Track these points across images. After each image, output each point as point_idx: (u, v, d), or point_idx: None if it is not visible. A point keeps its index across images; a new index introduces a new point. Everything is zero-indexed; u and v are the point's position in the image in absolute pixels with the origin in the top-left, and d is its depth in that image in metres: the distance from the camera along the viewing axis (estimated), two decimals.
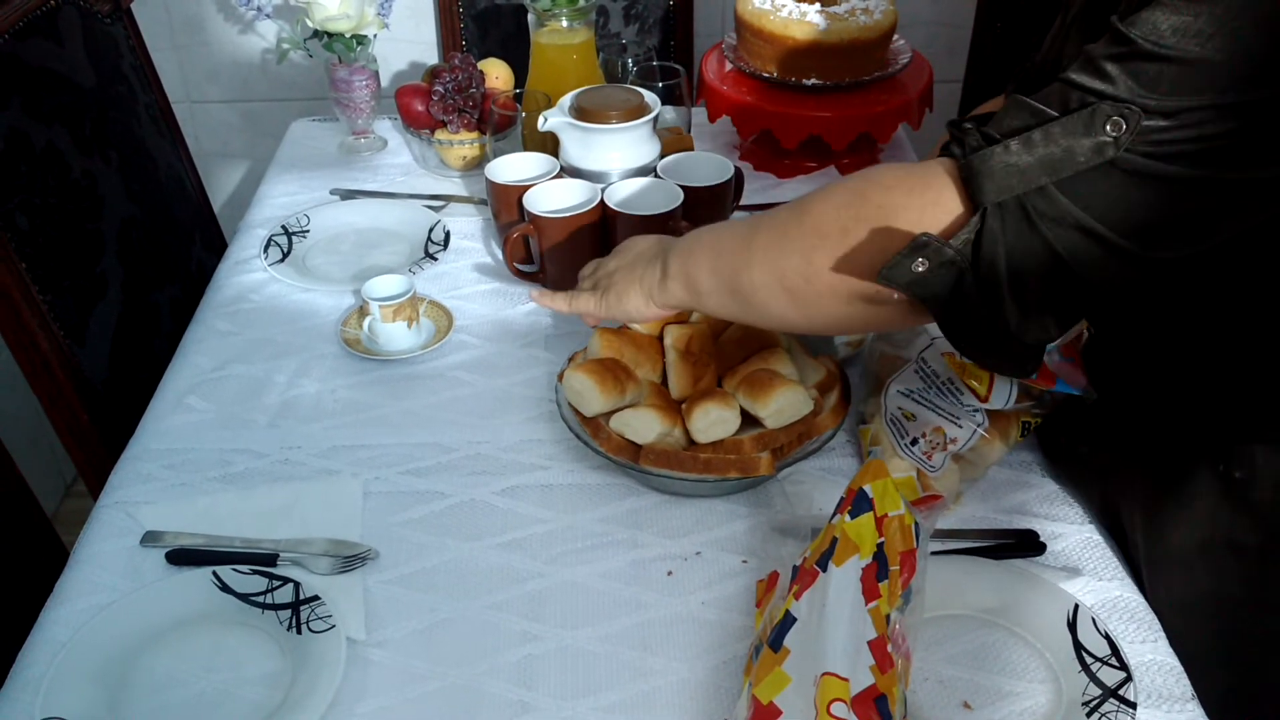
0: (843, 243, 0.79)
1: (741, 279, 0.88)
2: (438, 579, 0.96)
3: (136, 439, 1.14)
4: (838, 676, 0.72)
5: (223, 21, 2.25)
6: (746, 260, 0.87)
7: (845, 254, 0.79)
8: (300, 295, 1.35)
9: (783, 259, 0.84)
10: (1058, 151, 0.68)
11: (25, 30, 1.36)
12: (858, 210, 0.78)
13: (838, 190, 0.82)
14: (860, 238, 0.78)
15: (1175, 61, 0.64)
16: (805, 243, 0.82)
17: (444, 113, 1.55)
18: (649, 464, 1.00)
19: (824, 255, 0.80)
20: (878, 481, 0.81)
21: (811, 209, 0.83)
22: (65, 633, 0.91)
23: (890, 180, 0.79)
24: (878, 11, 1.51)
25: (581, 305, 1.05)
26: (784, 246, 0.84)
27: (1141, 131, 0.65)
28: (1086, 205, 0.68)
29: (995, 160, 0.71)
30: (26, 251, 1.27)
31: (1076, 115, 0.67)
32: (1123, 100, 0.66)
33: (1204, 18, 0.63)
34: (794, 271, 0.83)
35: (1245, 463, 0.86)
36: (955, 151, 0.75)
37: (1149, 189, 0.67)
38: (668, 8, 2.11)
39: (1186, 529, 0.91)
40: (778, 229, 0.85)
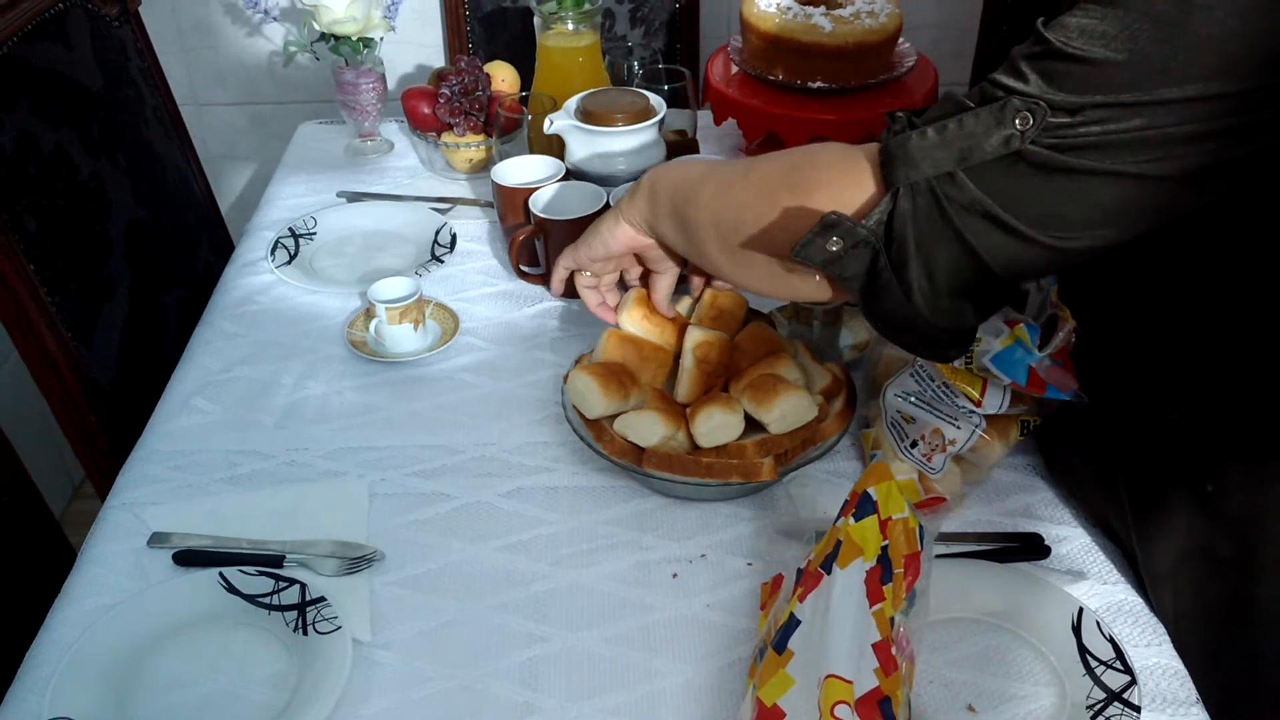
0: (771, 208, 0.83)
1: (688, 211, 0.92)
2: (443, 580, 0.97)
3: (144, 440, 1.14)
4: (842, 679, 0.72)
5: (230, 24, 2.26)
6: (696, 195, 0.91)
7: (770, 217, 0.83)
8: (307, 297, 1.36)
9: (722, 208, 0.88)
10: (969, 141, 0.71)
11: (33, 33, 1.37)
12: (790, 179, 0.82)
13: (783, 157, 0.86)
14: (785, 206, 0.81)
15: (1081, 61, 0.66)
16: (743, 196, 0.86)
17: (450, 115, 1.56)
18: (651, 467, 1.00)
19: (753, 213, 0.85)
20: (882, 485, 0.81)
21: (757, 168, 0.86)
22: (72, 633, 0.91)
23: (825, 157, 0.82)
24: (883, 14, 1.51)
25: (560, 259, 1.08)
26: (726, 197, 0.88)
27: (1047, 127, 0.68)
28: (993, 193, 0.71)
29: (911, 144, 0.73)
30: (34, 253, 1.28)
31: (989, 108, 0.70)
32: (1031, 96, 0.68)
33: (1107, 20, 0.65)
34: (727, 224, 0.87)
35: (1218, 476, 0.86)
36: (883, 138, 0.77)
37: (1053, 180, 0.69)
38: (674, 11, 2.12)
39: (1169, 541, 0.91)
40: (727, 178, 0.89)
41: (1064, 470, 1.05)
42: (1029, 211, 0.71)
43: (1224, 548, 0.87)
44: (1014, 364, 0.93)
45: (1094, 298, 0.95)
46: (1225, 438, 0.86)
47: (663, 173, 0.97)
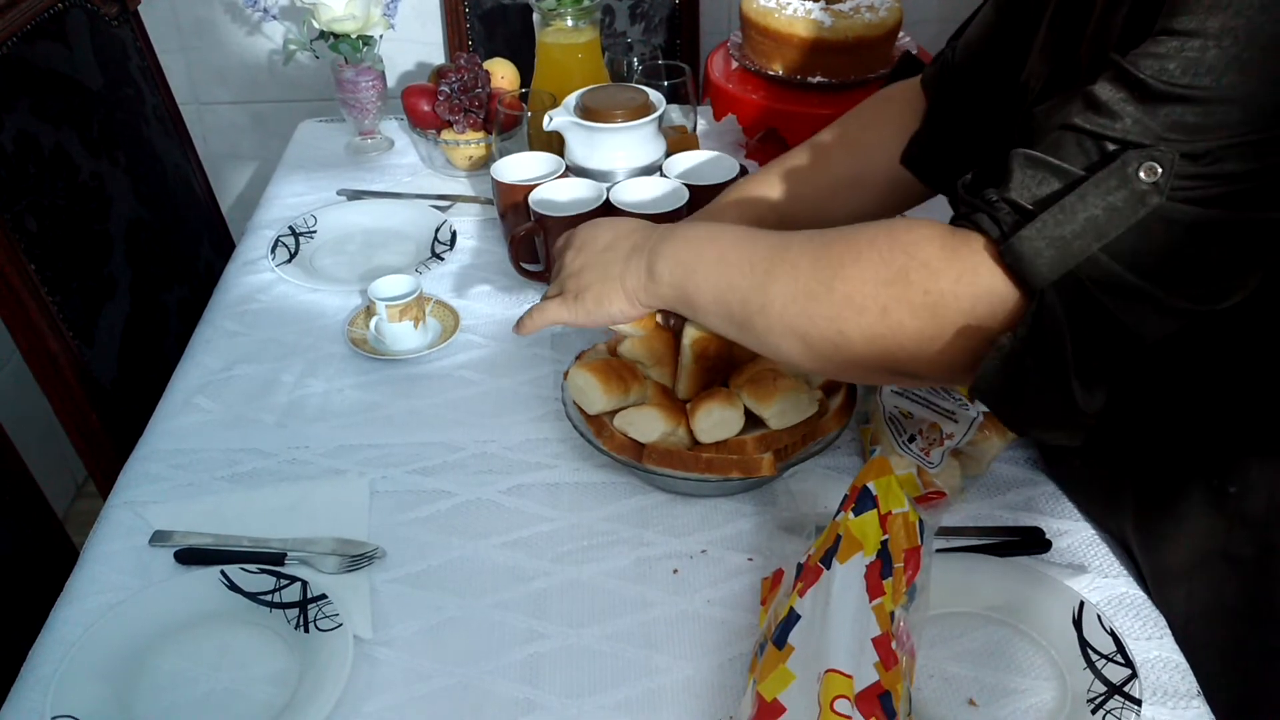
0: (883, 323, 0.75)
1: (755, 320, 0.83)
2: (444, 578, 0.97)
3: (145, 439, 1.14)
4: (842, 673, 0.72)
5: (230, 23, 2.26)
6: (762, 304, 0.82)
7: (884, 334, 0.76)
8: (307, 295, 1.36)
9: (808, 320, 0.79)
10: (1098, 213, 0.65)
11: (33, 33, 1.37)
12: (901, 292, 0.74)
13: (869, 253, 0.77)
14: (904, 323, 0.75)
15: (1191, 101, 0.62)
16: (835, 311, 0.77)
17: (450, 113, 1.56)
18: (652, 463, 1.00)
19: (858, 331, 0.77)
20: (882, 479, 0.81)
21: (843, 275, 0.77)
22: (75, 631, 0.91)
23: (933, 259, 0.74)
24: (883, 9, 1.51)
25: (553, 316, 0.96)
26: (810, 308, 0.79)
27: (1177, 174, 0.63)
28: (1134, 264, 0.66)
29: (1038, 239, 0.68)
30: (35, 253, 1.28)
31: (1107, 169, 0.65)
32: (1147, 145, 0.63)
33: (1211, 53, 0.61)
34: (820, 336, 0.79)
35: (1239, 476, 0.85)
36: (988, 229, 0.72)
37: (1195, 236, 0.64)
38: (673, 6, 2.11)
39: (1182, 543, 0.90)
40: (801, 283, 0.79)
41: (1062, 471, 1.05)
42: (1175, 277, 0.66)
43: (1244, 548, 0.87)
44: None
45: None
46: (1245, 438, 0.84)
47: (689, 267, 0.87)
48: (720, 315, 0.87)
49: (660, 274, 0.89)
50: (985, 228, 0.72)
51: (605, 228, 0.96)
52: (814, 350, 0.80)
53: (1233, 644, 0.89)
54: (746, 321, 0.84)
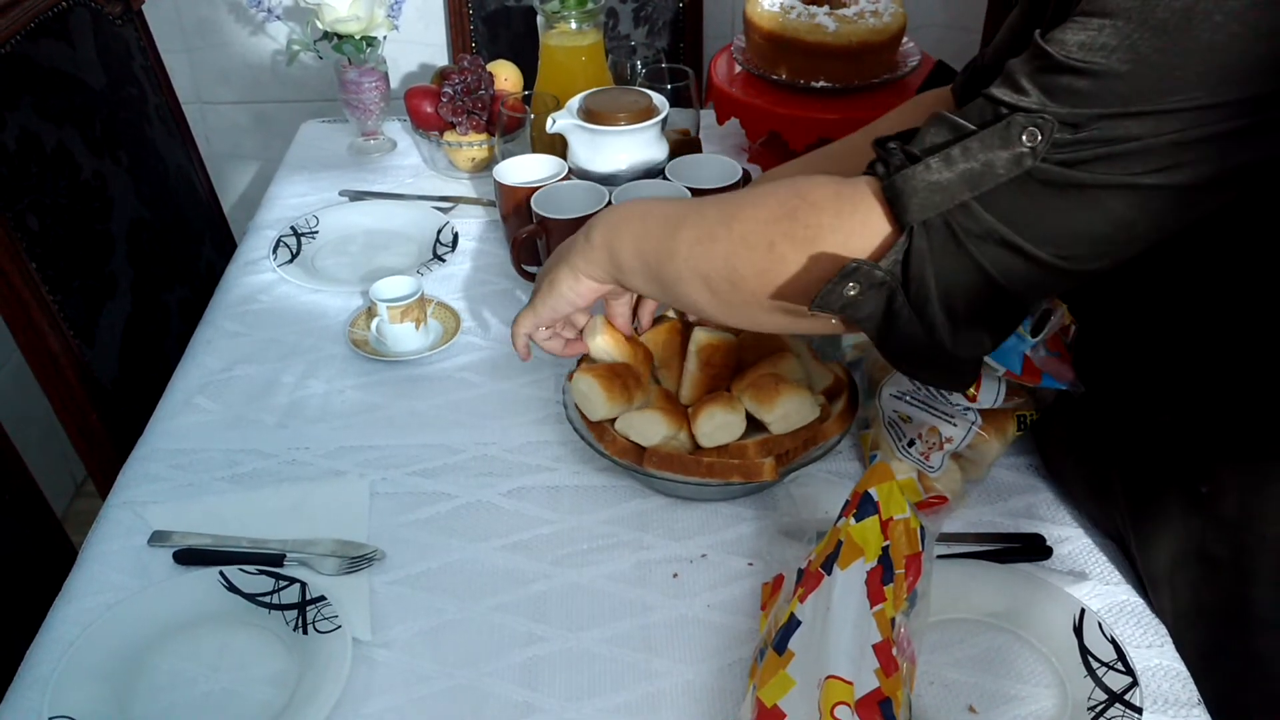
0: (769, 257, 0.79)
1: (666, 269, 0.87)
2: (444, 580, 0.97)
3: (145, 439, 1.14)
4: (842, 680, 0.72)
5: (233, 23, 2.26)
6: (671, 251, 0.86)
7: (771, 268, 0.79)
8: (309, 296, 1.36)
9: (707, 260, 0.83)
10: (977, 166, 0.69)
11: (36, 31, 1.37)
12: (787, 228, 0.78)
13: (768, 199, 0.81)
14: (787, 256, 0.78)
15: (1084, 74, 0.65)
16: (731, 248, 0.81)
17: (453, 114, 1.56)
18: (653, 467, 1.00)
19: (749, 266, 0.80)
20: (883, 485, 0.81)
21: (741, 215, 0.82)
22: (73, 631, 0.91)
23: (821, 199, 0.78)
24: (887, 14, 1.51)
25: (523, 323, 1.00)
26: (710, 248, 0.83)
27: (1055, 142, 0.66)
28: (1008, 219, 0.69)
29: (917, 179, 0.71)
30: (37, 252, 1.28)
31: (993, 128, 0.68)
32: (1034, 111, 0.67)
33: (1107, 31, 0.64)
34: (718, 274, 0.83)
35: (1211, 477, 0.86)
36: (879, 170, 0.75)
37: (1066, 198, 0.68)
38: (677, 10, 2.12)
39: (1165, 545, 0.91)
40: (705, 227, 0.84)
41: (1061, 474, 1.05)
42: (1046, 233, 0.69)
43: (1218, 549, 0.87)
44: (1007, 352, 0.93)
45: (1090, 298, 0.95)
46: (1219, 440, 0.86)
47: (615, 227, 0.91)
48: (639, 270, 0.90)
49: (593, 239, 0.92)
50: (876, 171, 0.75)
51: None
52: (714, 292, 0.84)
53: (1213, 645, 0.90)
54: (659, 271, 0.88)
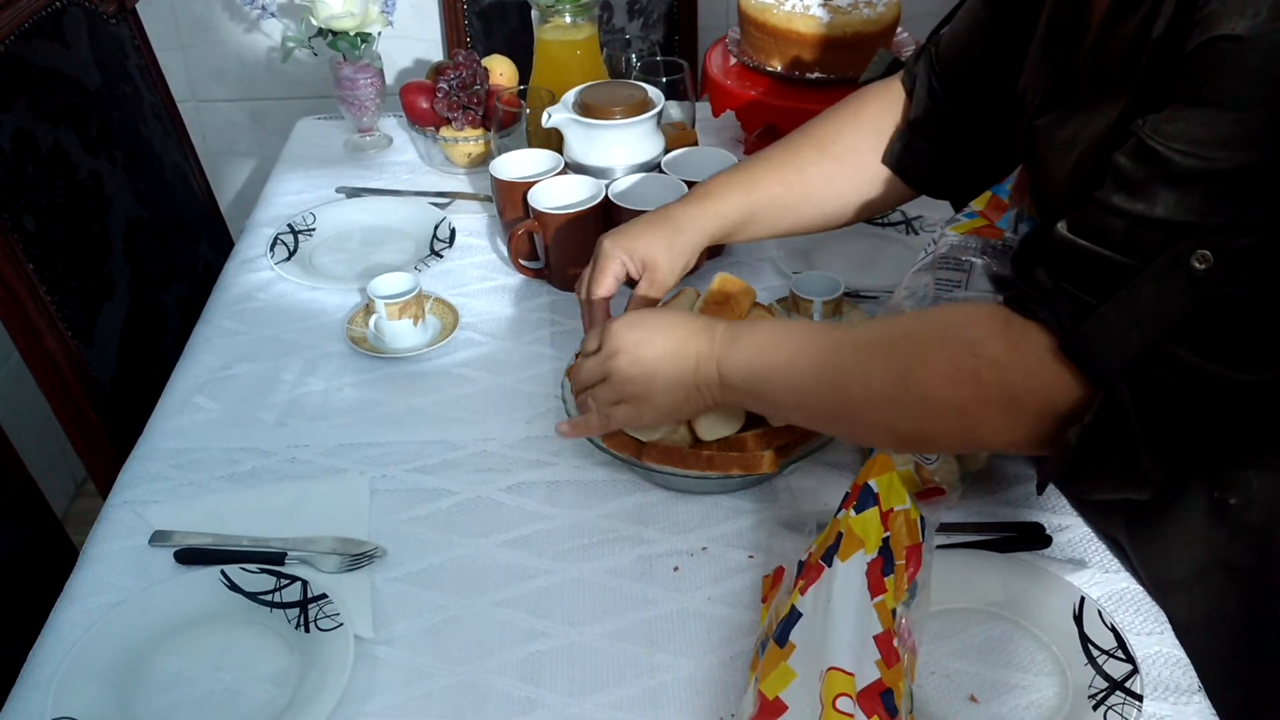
0: (964, 420, 0.80)
1: (839, 425, 0.89)
2: (445, 576, 0.97)
3: (145, 438, 1.14)
4: (843, 671, 0.72)
5: (228, 20, 2.26)
6: (845, 413, 0.87)
7: (968, 428, 0.81)
8: (306, 293, 1.36)
9: (892, 423, 0.84)
10: (1155, 303, 0.68)
11: (30, 31, 1.36)
12: (975, 392, 0.78)
13: (939, 360, 0.80)
14: (984, 418, 0.79)
15: (1213, 177, 0.63)
16: (915, 414, 0.82)
17: (448, 110, 1.55)
18: (652, 461, 1.00)
19: (942, 426, 0.82)
20: (883, 476, 0.81)
21: (915, 379, 0.81)
22: (75, 632, 0.91)
23: (999, 355, 0.77)
24: (881, 4, 1.51)
25: (621, 424, 0.98)
26: (891, 413, 0.83)
27: (1226, 253, 0.65)
28: (1196, 347, 0.69)
29: (1098, 332, 0.70)
30: (34, 252, 1.28)
31: (1160, 259, 0.67)
32: (1189, 224, 0.65)
33: (1225, 125, 0.62)
34: (907, 434, 0.84)
35: (1240, 488, 0.86)
36: (1048, 321, 0.74)
37: (1246, 315, 0.67)
38: (671, 2, 2.11)
39: (1183, 554, 0.90)
40: (876, 389, 0.83)
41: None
42: (1234, 355, 0.69)
43: (1244, 559, 0.87)
44: None
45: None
46: (1249, 450, 0.85)
47: (752, 386, 0.90)
48: (802, 419, 0.94)
49: (734, 384, 0.91)
50: (1044, 320, 0.74)
51: (655, 330, 0.94)
52: (906, 444, 0.87)
53: (1235, 653, 0.89)
54: (832, 424, 0.92)
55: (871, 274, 1.34)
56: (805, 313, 1.17)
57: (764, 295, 1.19)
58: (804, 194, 1.10)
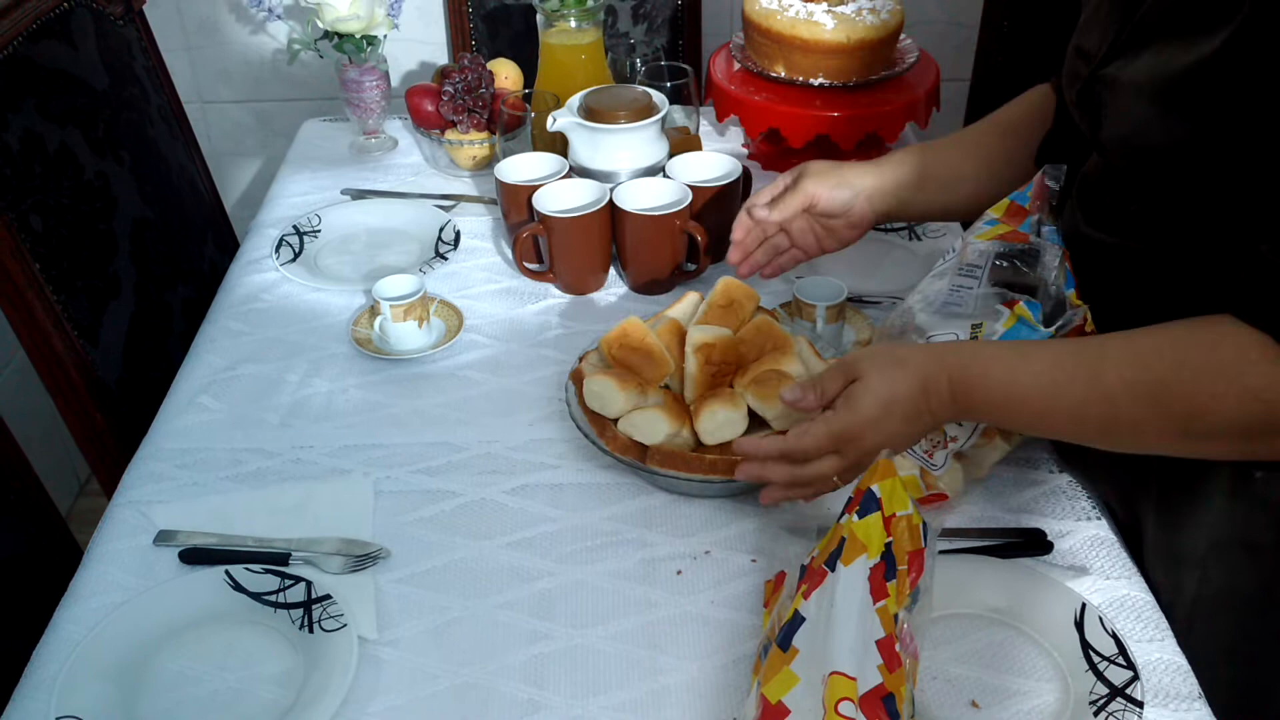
0: (1244, 447, 0.80)
1: (1096, 445, 0.89)
2: (448, 578, 0.97)
3: (149, 438, 1.15)
4: (845, 675, 0.72)
5: (235, 22, 2.27)
6: (1107, 441, 0.87)
7: (1248, 452, 0.81)
8: (312, 295, 1.36)
9: (1169, 450, 0.84)
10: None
11: (38, 33, 1.37)
12: (1265, 426, 0.78)
13: (1221, 411, 0.79)
14: (1268, 446, 0.79)
15: None
16: (1197, 444, 0.82)
17: (454, 113, 1.56)
18: (655, 464, 1.00)
19: (1222, 453, 0.83)
20: (886, 481, 0.81)
21: (1198, 429, 0.81)
22: (79, 632, 0.92)
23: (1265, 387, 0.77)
24: (885, 11, 1.51)
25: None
26: (1170, 443, 0.83)
27: None
28: None
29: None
30: (40, 252, 1.28)
31: None
32: None
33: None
34: (1181, 454, 0.84)
35: (1265, 462, 0.86)
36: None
37: None
38: (676, 7, 2.12)
39: (1201, 528, 0.91)
40: (1151, 435, 0.83)
41: (1080, 457, 1.04)
42: None
43: (1264, 534, 0.87)
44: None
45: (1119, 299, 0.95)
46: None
47: (1016, 425, 0.92)
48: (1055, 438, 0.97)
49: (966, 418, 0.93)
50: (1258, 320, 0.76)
51: (898, 384, 0.88)
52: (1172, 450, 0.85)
53: (1239, 630, 0.90)
54: (1096, 443, 0.90)
55: (875, 279, 1.34)
56: (809, 318, 1.17)
57: (767, 300, 1.19)
58: (974, 170, 1.16)
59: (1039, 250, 0.98)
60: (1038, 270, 0.97)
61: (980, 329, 0.96)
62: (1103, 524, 1.01)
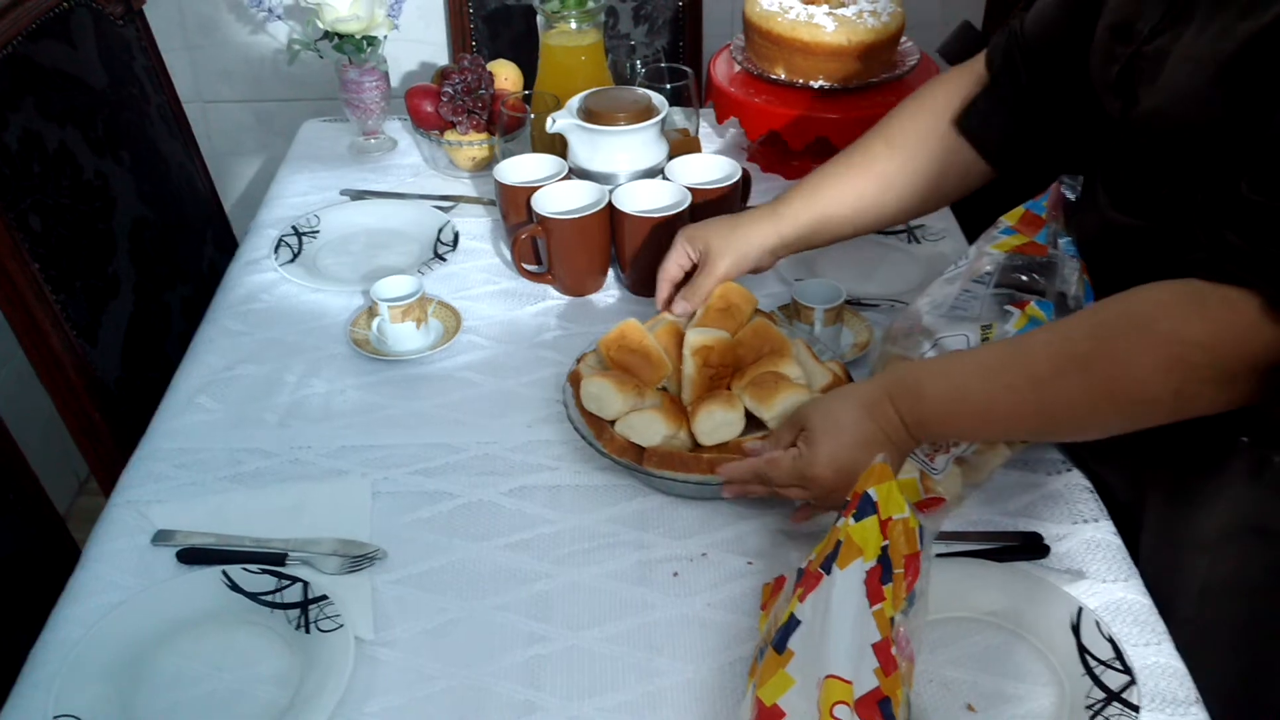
0: (1177, 401, 0.81)
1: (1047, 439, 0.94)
2: (446, 579, 0.97)
3: (148, 438, 1.15)
4: (841, 679, 0.72)
5: (235, 22, 2.27)
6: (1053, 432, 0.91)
7: (1182, 406, 0.81)
8: (310, 295, 1.36)
9: (1103, 423, 0.85)
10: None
11: (38, 32, 1.37)
12: (1186, 374, 0.79)
13: (1142, 361, 0.80)
14: (1196, 395, 0.80)
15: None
16: (1127, 411, 0.83)
17: (453, 114, 1.56)
18: (652, 466, 1.00)
19: (1158, 415, 0.82)
20: (882, 485, 0.81)
21: (1120, 386, 0.82)
22: (77, 631, 0.92)
23: (1204, 337, 0.78)
24: (885, 14, 1.51)
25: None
26: (1105, 420, 0.85)
27: None
28: None
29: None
30: (39, 252, 1.28)
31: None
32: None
33: None
34: (1123, 427, 0.85)
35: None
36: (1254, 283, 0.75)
37: None
38: (677, 9, 2.12)
39: (1215, 512, 0.91)
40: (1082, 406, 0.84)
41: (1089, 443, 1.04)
42: None
43: (1276, 521, 0.88)
44: None
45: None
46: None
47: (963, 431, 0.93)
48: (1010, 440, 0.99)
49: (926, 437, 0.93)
50: (1252, 284, 0.75)
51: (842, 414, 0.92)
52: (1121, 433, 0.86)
53: (1247, 616, 0.90)
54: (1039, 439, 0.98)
55: (873, 282, 1.35)
56: (807, 320, 1.17)
57: (766, 302, 1.19)
58: (876, 192, 1.14)
59: (1056, 262, 0.98)
60: (1055, 283, 0.97)
61: (991, 330, 0.96)
62: (1100, 527, 1.01)
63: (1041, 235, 1.01)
